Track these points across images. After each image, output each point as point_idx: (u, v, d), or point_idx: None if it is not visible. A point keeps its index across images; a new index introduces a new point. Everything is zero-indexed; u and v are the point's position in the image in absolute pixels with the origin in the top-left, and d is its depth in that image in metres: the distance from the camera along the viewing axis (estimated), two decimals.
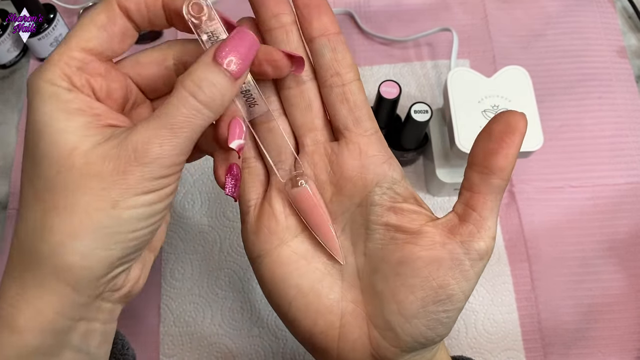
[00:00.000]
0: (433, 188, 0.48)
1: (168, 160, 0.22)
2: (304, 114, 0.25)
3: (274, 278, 0.25)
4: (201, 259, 0.46)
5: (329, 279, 0.25)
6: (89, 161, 0.21)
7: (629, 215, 0.48)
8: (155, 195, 0.22)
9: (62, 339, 0.23)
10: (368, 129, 0.25)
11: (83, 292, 0.22)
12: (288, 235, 0.26)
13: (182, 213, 0.48)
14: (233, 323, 0.45)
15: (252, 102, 0.25)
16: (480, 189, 0.23)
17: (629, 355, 0.44)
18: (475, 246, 0.23)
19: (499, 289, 0.45)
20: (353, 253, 0.26)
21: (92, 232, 0.21)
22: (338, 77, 0.24)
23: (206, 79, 0.21)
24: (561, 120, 0.51)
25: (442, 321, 0.23)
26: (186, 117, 0.21)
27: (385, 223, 0.24)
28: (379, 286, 0.24)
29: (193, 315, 0.45)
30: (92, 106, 0.22)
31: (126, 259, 0.23)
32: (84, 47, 0.22)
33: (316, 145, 0.25)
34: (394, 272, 0.24)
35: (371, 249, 0.25)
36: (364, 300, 0.25)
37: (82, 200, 0.21)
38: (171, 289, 0.46)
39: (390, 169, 0.25)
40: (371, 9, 0.56)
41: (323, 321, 0.25)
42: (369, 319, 0.24)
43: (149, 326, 0.45)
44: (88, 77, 0.23)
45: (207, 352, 0.44)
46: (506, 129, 0.23)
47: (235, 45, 0.22)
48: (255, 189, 0.27)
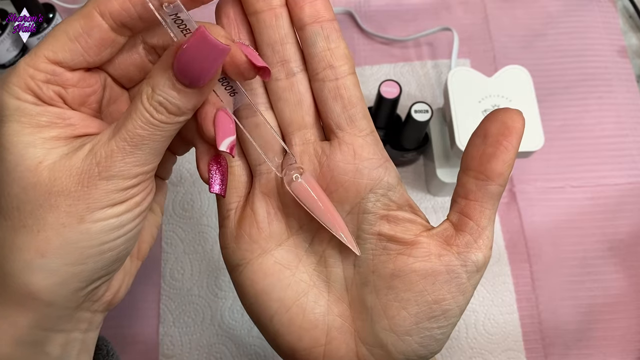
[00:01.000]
0: (433, 188, 0.48)
1: (132, 171, 0.21)
2: (294, 110, 0.23)
3: (254, 290, 0.24)
4: (201, 259, 0.46)
5: (314, 292, 0.24)
6: (54, 176, 0.21)
7: (630, 215, 0.47)
8: (123, 207, 0.21)
9: (40, 350, 0.22)
10: (363, 129, 0.23)
11: (58, 306, 0.22)
12: (271, 244, 0.24)
13: (182, 213, 0.48)
14: (232, 324, 0.44)
15: (232, 90, 0.22)
16: (476, 196, 0.22)
17: (630, 355, 0.44)
18: (473, 257, 0.22)
19: (499, 289, 0.45)
20: (341, 263, 0.24)
21: (60, 249, 0.21)
22: (331, 69, 0.22)
23: (163, 93, 0.20)
24: (562, 120, 0.51)
25: (436, 337, 0.22)
26: (146, 133, 0.20)
27: (377, 232, 0.23)
28: (369, 300, 0.23)
29: (192, 316, 0.45)
30: (64, 117, 0.22)
31: (104, 271, 0.22)
32: (52, 58, 0.21)
33: (305, 145, 0.23)
34: (385, 286, 0.22)
35: (361, 260, 0.23)
36: (352, 315, 0.23)
37: (49, 217, 0.20)
38: (171, 289, 0.46)
39: (386, 173, 0.23)
40: (371, 8, 0.56)
41: (307, 337, 0.23)
42: (357, 335, 0.23)
43: (149, 326, 0.44)
44: (58, 89, 0.21)
45: (207, 352, 0.44)
46: (503, 130, 0.21)
47: (196, 54, 0.19)
48: (236, 192, 0.24)
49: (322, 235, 0.24)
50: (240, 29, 0.22)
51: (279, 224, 0.24)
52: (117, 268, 0.24)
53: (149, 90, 0.20)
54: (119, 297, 0.26)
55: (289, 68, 0.22)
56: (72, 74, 0.21)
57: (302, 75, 0.23)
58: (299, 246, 0.24)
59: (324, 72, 0.22)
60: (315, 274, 0.24)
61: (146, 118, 0.20)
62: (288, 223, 0.24)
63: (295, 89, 0.23)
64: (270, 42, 0.22)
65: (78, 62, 0.21)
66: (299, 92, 0.23)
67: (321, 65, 0.22)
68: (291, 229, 0.24)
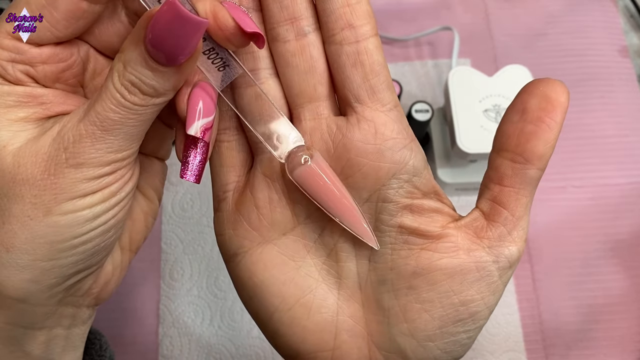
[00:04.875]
0: None
1: (104, 159, 0.18)
2: (304, 78, 0.19)
3: (253, 283, 0.21)
4: (200, 259, 0.46)
5: (322, 288, 0.21)
6: (19, 162, 0.18)
7: (631, 215, 0.47)
8: (96, 197, 0.19)
9: (18, 349, 0.21)
10: (387, 103, 0.19)
11: (34, 302, 0.20)
12: (274, 233, 0.21)
13: (182, 213, 0.48)
14: (232, 324, 0.44)
15: (222, 63, 0.19)
16: (512, 182, 0.19)
17: (631, 356, 0.43)
18: (506, 252, 0.19)
19: None
20: (355, 258, 0.21)
21: (26, 243, 0.18)
22: (351, 30, 0.18)
23: (136, 72, 0.17)
24: None
25: (462, 343, 0.19)
26: (118, 116, 0.18)
27: (398, 224, 0.20)
28: (385, 300, 0.20)
29: (192, 317, 0.45)
30: (35, 95, 0.19)
31: (83, 266, 0.20)
32: (15, 35, 0.18)
33: (317, 121, 0.20)
34: (406, 285, 0.19)
35: (378, 255, 0.20)
36: (365, 317, 0.20)
37: (14, 208, 0.18)
38: (170, 289, 0.45)
39: (412, 155, 0.19)
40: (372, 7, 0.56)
41: (313, 340, 0.20)
42: (371, 339, 0.20)
43: (148, 327, 0.44)
44: (25, 68, 0.19)
45: (206, 353, 0.43)
46: (545, 105, 0.18)
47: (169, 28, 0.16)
48: (234, 169, 0.21)
49: (334, 225, 0.20)
50: None
51: (283, 210, 0.21)
52: (99, 261, 0.21)
53: (121, 66, 0.17)
54: (108, 291, 0.23)
55: (300, 27, 0.19)
56: (40, 50, 0.19)
57: (315, 36, 0.19)
58: (307, 236, 0.21)
59: (342, 34, 0.19)
60: (325, 269, 0.21)
61: (117, 100, 0.17)
62: (294, 210, 0.21)
63: (307, 53, 0.19)
64: None
65: (45, 38, 0.19)
66: (311, 56, 0.19)
67: (339, 24, 0.19)
68: (298, 216, 0.21)
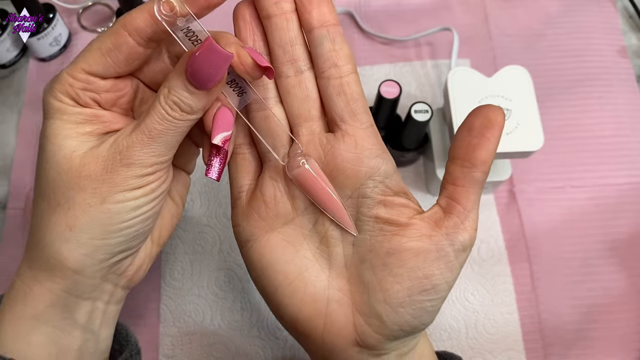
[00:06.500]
0: (433, 188, 0.48)
1: (149, 160, 0.25)
2: (302, 104, 0.25)
3: (261, 263, 0.26)
4: (201, 259, 0.46)
5: (316, 267, 0.26)
6: (84, 162, 0.25)
7: (630, 215, 0.47)
8: (140, 191, 0.25)
9: (69, 316, 0.27)
10: (364, 122, 0.25)
11: (86, 274, 0.26)
12: (278, 222, 0.26)
13: (182, 213, 0.48)
14: (233, 323, 0.44)
15: (240, 91, 0.25)
16: (463, 182, 0.24)
17: (630, 355, 0.43)
18: (460, 238, 0.24)
19: (499, 289, 0.45)
20: (341, 243, 0.26)
21: (86, 225, 0.25)
22: (336, 68, 0.24)
23: (177, 94, 0.23)
24: (562, 120, 0.51)
25: (427, 310, 0.24)
26: (162, 127, 0.24)
27: (375, 215, 0.25)
28: (366, 275, 0.25)
29: (192, 316, 0.45)
30: (97, 115, 0.26)
31: (126, 247, 0.27)
32: (88, 70, 0.25)
33: (311, 136, 0.26)
34: (381, 263, 0.25)
35: (360, 240, 0.26)
36: (350, 289, 0.26)
37: (78, 197, 0.25)
38: (171, 289, 0.46)
39: (384, 162, 0.25)
40: (371, 8, 0.56)
41: (309, 308, 0.25)
42: (355, 307, 0.25)
43: (149, 326, 0.44)
44: (93, 95, 0.25)
45: (207, 352, 0.44)
46: (486, 123, 0.23)
47: (205, 61, 0.22)
48: (248, 175, 0.27)
49: (325, 217, 0.26)
50: (255, 30, 0.25)
51: (285, 205, 0.26)
52: (138, 245, 0.28)
53: (166, 91, 0.24)
54: (139, 276, 0.30)
55: (298, 66, 0.25)
56: (105, 82, 0.26)
57: (310, 73, 0.25)
58: (304, 226, 0.27)
59: (329, 71, 0.25)
60: (318, 252, 0.27)
61: (162, 114, 0.24)
62: (294, 204, 0.26)
63: (303, 85, 0.25)
64: (282, 43, 0.24)
65: (109, 73, 0.25)
66: (307, 88, 0.25)
67: (327, 64, 0.24)
68: (297, 210, 0.26)
